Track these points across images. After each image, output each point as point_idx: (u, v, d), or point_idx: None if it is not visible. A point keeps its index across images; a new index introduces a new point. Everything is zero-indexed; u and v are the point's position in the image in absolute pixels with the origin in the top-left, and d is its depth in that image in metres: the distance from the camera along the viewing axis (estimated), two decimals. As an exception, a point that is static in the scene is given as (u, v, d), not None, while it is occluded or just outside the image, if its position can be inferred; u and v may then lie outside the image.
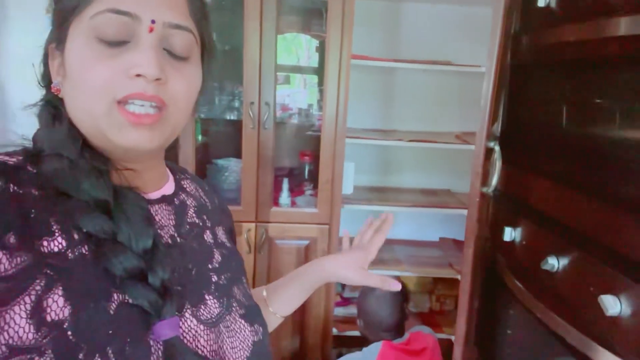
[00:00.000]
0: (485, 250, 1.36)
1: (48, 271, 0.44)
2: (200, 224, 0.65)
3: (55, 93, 0.54)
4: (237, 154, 1.97)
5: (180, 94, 0.53)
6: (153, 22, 0.50)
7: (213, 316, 0.58)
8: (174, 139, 0.57)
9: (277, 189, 1.86)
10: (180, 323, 0.53)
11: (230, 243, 0.71)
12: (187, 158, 1.71)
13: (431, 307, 2.28)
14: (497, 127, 1.27)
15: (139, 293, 0.47)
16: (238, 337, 0.60)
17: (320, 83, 2.09)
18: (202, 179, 0.76)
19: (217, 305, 0.59)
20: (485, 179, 1.16)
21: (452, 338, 2.06)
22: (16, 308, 0.42)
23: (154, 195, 0.60)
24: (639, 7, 0.82)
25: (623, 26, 0.85)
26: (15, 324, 0.42)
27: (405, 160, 2.29)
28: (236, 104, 2.00)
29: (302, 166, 2.14)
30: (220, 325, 0.58)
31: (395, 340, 1.58)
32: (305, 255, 1.83)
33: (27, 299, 0.43)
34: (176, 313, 0.51)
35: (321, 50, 2.11)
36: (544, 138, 1.14)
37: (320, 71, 2.08)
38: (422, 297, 2.28)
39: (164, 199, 0.61)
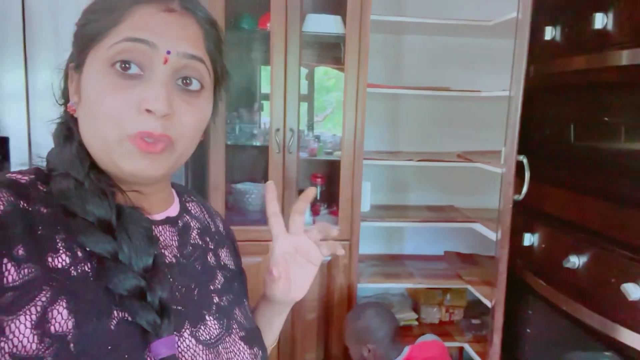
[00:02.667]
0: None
1: (53, 283, 0.46)
2: (203, 245, 0.66)
3: (71, 113, 0.56)
4: (253, 178, 2.11)
5: (188, 127, 0.55)
6: (168, 52, 0.52)
7: (212, 337, 0.58)
8: (179, 166, 0.59)
9: (299, 209, 1.98)
10: (179, 342, 0.54)
11: (233, 265, 0.72)
12: (218, 184, 1.83)
13: (441, 318, 2.40)
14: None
15: (138, 311, 0.48)
16: (237, 359, 0.61)
17: (310, 109, 2.29)
18: (224, 201, 0.77)
19: (217, 326, 0.60)
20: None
21: (465, 345, 2.18)
22: (22, 318, 0.43)
23: (159, 216, 0.62)
24: (635, 41, 1.00)
25: (624, 57, 1.02)
26: (20, 333, 0.43)
27: (411, 179, 2.45)
28: (255, 130, 2.13)
29: (315, 188, 2.28)
30: (220, 346, 0.58)
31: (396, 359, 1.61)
32: (328, 270, 1.95)
33: (32, 309, 0.44)
34: (174, 332, 0.52)
35: (310, 78, 2.30)
36: (555, 152, 1.31)
37: (309, 98, 2.27)
38: (431, 309, 2.39)
39: (168, 220, 0.62)
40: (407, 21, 1.96)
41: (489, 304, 1.96)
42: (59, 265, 0.47)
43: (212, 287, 0.63)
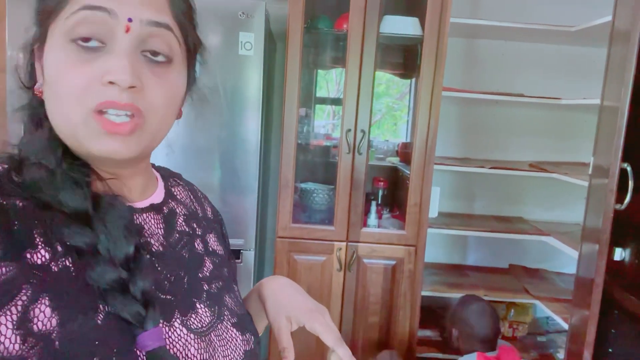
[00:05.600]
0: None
1: (34, 281, 0.44)
2: (190, 232, 0.64)
3: (38, 95, 0.53)
4: (314, 178, 2.12)
5: (159, 100, 0.51)
6: (130, 20, 0.48)
7: (204, 325, 0.57)
8: (156, 146, 0.56)
9: (364, 211, 1.98)
10: (170, 332, 0.52)
11: (222, 251, 0.70)
12: (288, 182, 1.85)
13: (504, 333, 2.30)
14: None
15: (120, 304, 0.46)
16: (229, 347, 0.59)
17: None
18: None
19: (208, 314, 0.58)
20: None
21: (528, 364, 2.09)
22: (2, 319, 0.41)
23: (142, 204, 0.59)
24: None
25: None
26: (1, 334, 0.41)
27: (478, 188, 2.38)
28: (322, 130, 2.15)
29: (376, 191, 2.26)
30: (212, 334, 0.57)
31: (488, 353, 1.63)
32: (392, 275, 1.92)
33: (13, 309, 0.42)
34: (161, 323, 0.50)
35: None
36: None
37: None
38: (494, 322, 2.31)
39: (152, 208, 0.60)
40: (484, 24, 1.92)
41: (561, 320, 1.88)
42: (39, 262, 0.45)
43: (201, 275, 0.61)
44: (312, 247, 1.90)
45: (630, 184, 1.17)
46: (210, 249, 0.66)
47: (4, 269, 0.42)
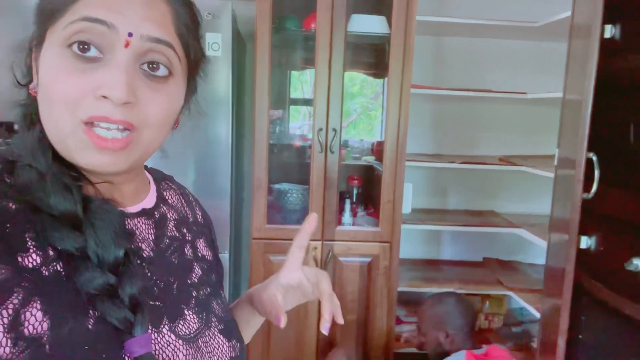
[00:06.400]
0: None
1: (25, 284, 0.43)
2: (180, 237, 0.64)
3: (33, 94, 0.52)
4: (289, 179, 2.11)
5: (154, 116, 0.50)
6: (130, 35, 0.47)
7: (192, 332, 0.57)
8: (148, 158, 0.55)
9: (338, 210, 1.98)
10: (158, 339, 0.52)
11: (211, 256, 0.70)
12: (262, 183, 1.84)
13: (480, 325, 2.34)
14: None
15: (109, 310, 0.46)
16: (216, 353, 0.59)
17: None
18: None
19: (196, 321, 0.58)
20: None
21: (505, 354, 2.13)
22: None
23: (134, 208, 0.58)
24: None
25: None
26: None
27: (450, 183, 2.41)
28: (291, 131, 2.15)
29: (351, 190, 2.27)
30: (199, 340, 0.57)
31: (476, 350, 1.63)
32: (368, 272, 1.93)
33: (4, 312, 0.41)
34: (149, 329, 0.50)
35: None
36: (613, 152, 1.27)
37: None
38: (470, 315, 2.34)
39: (143, 213, 0.59)
40: (450, 22, 1.95)
41: (533, 311, 1.91)
42: (30, 266, 0.44)
43: (189, 281, 0.61)
44: (288, 247, 1.87)
45: (597, 173, 1.21)
46: (200, 254, 0.66)
47: None
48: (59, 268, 0.46)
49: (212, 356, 0.58)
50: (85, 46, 0.47)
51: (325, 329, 0.64)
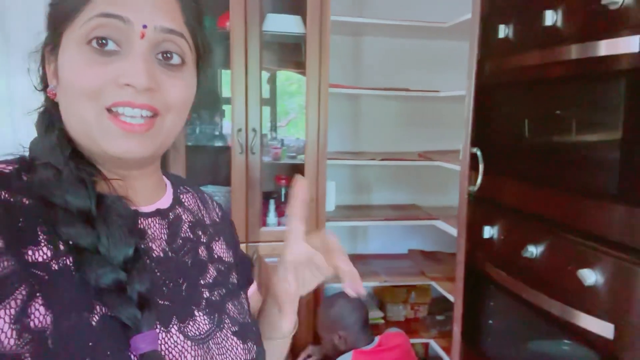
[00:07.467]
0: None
1: (33, 277, 0.44)
2: (195, 239, 0.64)
3: (51, 97, 0.55)
4: (216, 181, 2.07)
5: (175, 100, 0.53)
6: (145, 27, 0.50)
7: (202, 333, 0.57)
8: (167, 148, 0.57)
9: (263, 211, 1.96)
10: (167, 338, 0.52)
11: (230, 257, 0.69)
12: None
13: (407, 315, 2.42)
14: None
15: (116, 305, 0.47)
16: (229, 355, 0.59)
17: (273, 113, 2.30)
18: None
19: (206, 322, 0.58)
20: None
21: (430, 342, 2.22)
22: (1, 312, 0.42)
23: (148, 208, 0.59)
24: (584, 36, 1.05)
25: (573, 52, 1.07)
26: None
27: (373, 180, 2.47)
28: (216, 132, 2.10)
29: (279, 190, 2.26)
30: (210, 342, 0.57)
31: (366, 346, 1.69)
32: (294, 271, 1.93)
33: (12, 303, 0.42)
34: (157, 328, 0.51)
35: (272, 82, 2.31)
36: (512, 146, 1.35)
37: (272, 102, 2.28)
38: (397, 307, 2.42)
39: (158, 213, 0.60)
40: (366, 22, 1.99)
41: (452, 299, 2.01)
42: (39, 259, 0.46)
43: (202, 282, 0.61)
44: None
45: (481, 167, 1.28)
46: (216, 255, 0.66)
47: (5, 263, 0.43)
48: (68, 262, 0.47)
49: (224, 358, 0.58)
50: (104, 41, 0.50)
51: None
